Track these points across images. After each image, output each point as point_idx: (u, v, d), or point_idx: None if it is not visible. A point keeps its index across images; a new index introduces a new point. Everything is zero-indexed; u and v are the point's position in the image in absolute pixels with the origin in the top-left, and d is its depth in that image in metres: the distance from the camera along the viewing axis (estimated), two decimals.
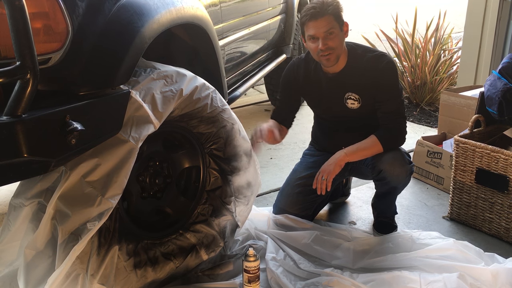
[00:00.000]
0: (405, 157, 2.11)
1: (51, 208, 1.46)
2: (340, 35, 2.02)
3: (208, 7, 2.31)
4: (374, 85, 2.07)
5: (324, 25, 1.98)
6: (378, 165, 2.09)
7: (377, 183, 2.19)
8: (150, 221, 1.90)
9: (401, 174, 2.08)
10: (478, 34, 3.49)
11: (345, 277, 1.87)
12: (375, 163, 2.11)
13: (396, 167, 2.07)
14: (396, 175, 2.08)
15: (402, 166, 2.07)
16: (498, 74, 2.36)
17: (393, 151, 2.10)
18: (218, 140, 1.96)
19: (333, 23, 1.99)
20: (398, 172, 2.07)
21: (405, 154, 2.14)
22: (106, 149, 1.49)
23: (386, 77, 2.07)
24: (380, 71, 2.06)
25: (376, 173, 2.12)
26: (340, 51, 2.05)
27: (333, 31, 1.99)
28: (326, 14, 1.97)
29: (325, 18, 1.97)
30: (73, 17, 1.32)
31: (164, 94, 1.64)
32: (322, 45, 1.99)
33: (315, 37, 2.00)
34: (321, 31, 1.98)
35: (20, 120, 1.17)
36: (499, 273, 1.84)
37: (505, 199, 2.20)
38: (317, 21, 1.98)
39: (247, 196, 2.07)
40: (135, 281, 1.73)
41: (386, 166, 2.07)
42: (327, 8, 1.98)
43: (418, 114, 4.13)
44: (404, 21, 4.54)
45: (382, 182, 2.14)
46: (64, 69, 1.33)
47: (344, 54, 2.10)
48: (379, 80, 2.06)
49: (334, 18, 1.99)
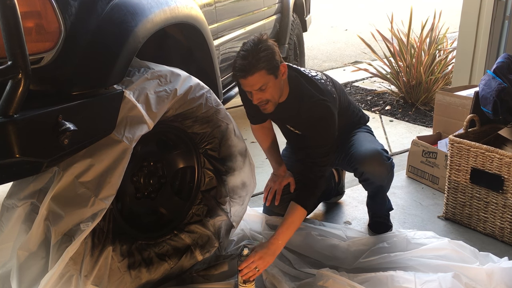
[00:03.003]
0: (383, 154, 2.10)
1: (44, 209, 1.45)
2: (274, 85, 1.86)
3: (203, 6, 2.30)
4: (307, 128, 2.01)
5: (254, 83, 1.81)
6: (359, 168, 2.11)
7: (362, 183, 2.21)
8: (145, 221, 1.89)
9: (383, 173, 2.09)
10: (473, 34, 3.50)
11: (340, 277, 1.87)
12: (355, 165, 2.12)
13: (376, 166, 2.07)
14: (378, 175, 2.09)
15: (382, 164, 2.08)
16: (492, 73, 2.36)
17: (370, 151, 2.09)
18: (213, 140, 1.96)
19: (264, 78, 1.80)
20: (379, 171, 2.08)
21: (383, 151, 2.13)
22: (100, 149, 1.48)
23: (318, 127, 1.97)
24: (314, 121, 1.96)
25: (359, 175, 2.14)
26: (277, 97, 1.91)
27: (265, 86, 1.82)
28: (255, 71, 1.77)
29: (254, 76, 1.78)
30: (65, 16, 1.32)
31: (158, 94, 1.63)
32: (255, 100, 1.87)
33: (248, 91, 1.88)
34: (252, 88, 1.83)
35: (11, 120, 1.16)
36: (494, 272, 1.85)
37: (499, 198, 2.21)
38: (246, 79, 1.80)
39: (242, 196, 2.06)
40: (129, 282, 1.72)
41: (366, 168, 2.08)
42: (258, 62, 1.77)
43: (413, 114, 4.13)
44: (400, 21, 4.55)
45: (367, 183, 2.15)
46: (56, 69, 1.32)
47: (286, 87, 1.97)
48: (311, 127, 1.98)
49: (267, 72, 1.80)
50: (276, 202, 2.24)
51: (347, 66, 6.08)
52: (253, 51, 1.78)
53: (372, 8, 11.18)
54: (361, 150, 2.12)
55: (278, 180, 2.26)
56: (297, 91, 1.98)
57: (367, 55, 5.33)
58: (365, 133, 2.28)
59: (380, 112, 4.23)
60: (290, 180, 2.26)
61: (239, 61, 1.80)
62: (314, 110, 1.95)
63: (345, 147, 2.19)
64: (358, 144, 2.16)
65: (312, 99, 1.96)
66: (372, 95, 4.72)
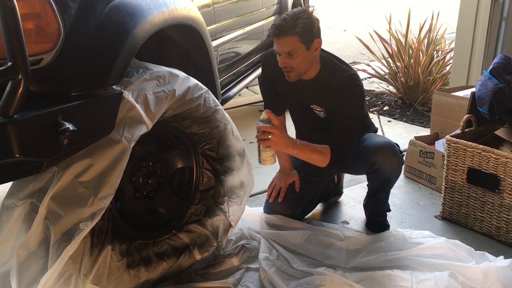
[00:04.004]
0: (396, 147, 2.15)
1: (43, 208, 1.46)
2: (304, 55, 1.91)
3: (201, 7, 2.31)
4: (338, 102, 2.03)
5: (285, 45, 1.87)
6: (371, 158, 2.11)
7: (370, 176, 2.21)
8: (143, 221, 1.90)
9: (394, 164, 2.12)
10: (470, 35, 3.52)
11: (338, 276, 1.88)
12: (367, 155, 2.13)
13: (389, 157, 2.10)
14: (389, 165, 2.11)
15: (395, 156, 2.11)
16: (489, 74, 2.37)
17: (384, 143, 2.13)
18: (211, 141, 1.97)
19: (296, 44, 1.86)
20: (391, 162, 2.11)
21: (396, 145, 2.17)
22: (99, 149, 1.49)
23: (348, 99, 2.01)
24: (345, 90, 2.00)
25: (370, 165, 2.14)
26: (302, 69, 1.96)
27: (294, 52, 1.88)
28: (289, 34, 1.84)
29: (287, 39, 1.85)
30: (65, 18, 1.33)
31: (156, 94, 1.64)
32: (281, 63, 1.93)
33: (278, 53, 1.94)
34: (282, 50, 1.90)
35: (11, 120, 1.17)
36: (490, 271, 1.86)
37: (496, 198, 2.22)
38: (279, 39, 1.87)
39: (240, 196, 2.08)
40: (128, 281, 1.73)
41: (379, 158, 2.10)
42: (294, 27, 1.84)
43: (411, 114, 4.15)
44: (398, 22, 4.56)
45: (376, 174, 2.16)
46: (56, 70, 1.33)
47: (316, 64, 2.02)
48: (341, 100, 2.01)
49: (300, 39, 1.86)
50: (279, 199, 2.27)
51: None
52: (294, 15, 1.86)
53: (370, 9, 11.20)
54: (374, 142, 2.15)
55: (284, 178, 2.31)
56: (329, 68, 2.05)
57: (366, 55, 5.34)
58: (375, 134, 2.34)
59: (378, 113, 4.25)
60: (296, 179, 2.30)
61: (278, 21, 1.88)
62: (346, 82, 2.01)
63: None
64: (370, 139, 2.20)
65: (345, 73, 2.03)
66: (370, 95, 4.74)
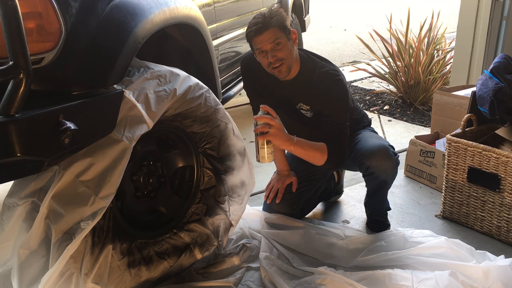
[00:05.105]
0: (389, 150, 2.14)
1: (44, 207, 1.46)
2: (288, 44, 1.98)
3: (202, 7, 2.32)
4: (321, 101, 2.05)
5: (269, 37, 1.94)
6: (365, 162, 2.12)
7: (366, 178, 2.22)
8: (144, 220, 1.90)
9: (389, 168, 2.12)
10: (470, 34, 3.51)
11: (339, 275, 1.88)
12: (362, 160, 2.13)
13: (383, 161, 2.10)
14: (384, 169, 2.11)
15: (388, 159, 2.11)
16: (489, 73, 2.37)
17: (377, 146, 2.13)
18: (212, 140, 1.97)
19: (278, 33, 1.95)
20: (385, 166, 2.11)
21: (390, 147, 2.17)
22: (100, 148, 1.49)
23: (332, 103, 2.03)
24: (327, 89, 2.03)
25: (365, 169, 2.15)
26: (291, 61, 2.01)
27: (280, 41, 1.95)
28: (269, 27, 1.93)
29: (270, 31, 1.94)
30: (66, 17, 1.33)
31: (157, 93, 1.64)
32: (270, 57, 1.96)
33: (263, 50, 1.97)
34: (268, 44, 1.95)
35: (13, 119, 1.17)
36: (490, 270, 1.86)
37: (496, 197, 2.22)
38: (262, 35, 1.94)
39: (241, 195, 2.08)
40: (129, 280, 1.73)
41: (373, 162, 2.11)
42: (270, 20, 1.94)
43: (411, 113, 4.15)
44: (398, 21, 4.56)
45: (371, 177, 2.17)
46: (57, 69, 1.34)
47: (297, 63, 2.07)
48: (325, 105, 2.04)
49: (279, 29, 1.95)
50: (277, 200, 2.28)
51: (345, 66, 6.09)
52: (266, 13, 1.97)
53: (371, 8, 11.20)
54: (367, 145, 2.15)
55: (281, 179, 2.31)
56: (308, 65, 2.09)
57: (366, 55, 5.34)
58: (370, 132, 2.33)
59: (379, 112, 4.25)
60: (293, 180, 2.31)
61: (253, 22, 1.97)
62: (326, 79, 2.04)
63: (350, 145, 2.20)
64: (364, 141, 2.20)
65: (323, 69, 2.07)
66: (370, 95, 4.74)
